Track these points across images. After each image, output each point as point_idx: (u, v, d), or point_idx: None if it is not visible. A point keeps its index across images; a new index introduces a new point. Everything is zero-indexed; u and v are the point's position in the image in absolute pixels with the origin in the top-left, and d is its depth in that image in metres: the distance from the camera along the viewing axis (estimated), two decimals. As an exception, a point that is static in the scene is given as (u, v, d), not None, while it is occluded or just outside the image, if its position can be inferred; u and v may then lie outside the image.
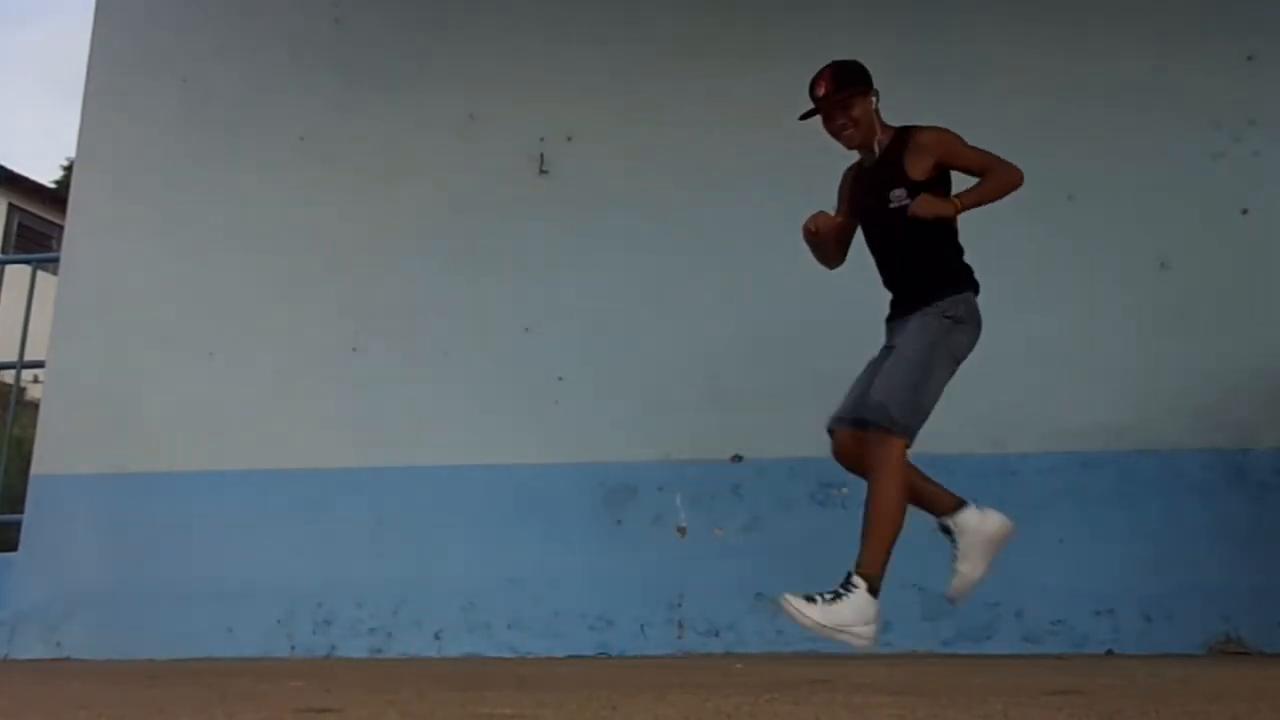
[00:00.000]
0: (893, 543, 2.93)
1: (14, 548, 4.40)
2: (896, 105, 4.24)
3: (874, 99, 3.19)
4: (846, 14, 4.38)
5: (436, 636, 3.99)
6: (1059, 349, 3.97)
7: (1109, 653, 3.66)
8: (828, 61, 3.23)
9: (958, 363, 3.08)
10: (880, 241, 3.21)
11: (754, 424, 4.06)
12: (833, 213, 3.25)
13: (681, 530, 4.02)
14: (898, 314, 3.17)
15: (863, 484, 3.94)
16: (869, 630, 2.87)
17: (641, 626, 3.92)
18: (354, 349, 4.34)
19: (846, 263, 4.14)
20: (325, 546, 4.15)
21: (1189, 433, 3.83)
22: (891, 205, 3.05)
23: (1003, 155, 4.21)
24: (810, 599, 2.88)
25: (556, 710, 1.50)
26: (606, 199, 4.34)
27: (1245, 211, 3.99)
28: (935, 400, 3.05)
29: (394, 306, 4.37)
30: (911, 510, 3.82)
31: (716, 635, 3.88)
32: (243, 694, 1.92)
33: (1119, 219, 4.05)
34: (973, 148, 3.09)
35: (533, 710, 1.51)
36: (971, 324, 3.10)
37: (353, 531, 4.15)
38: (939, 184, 3.13)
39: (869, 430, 2.97)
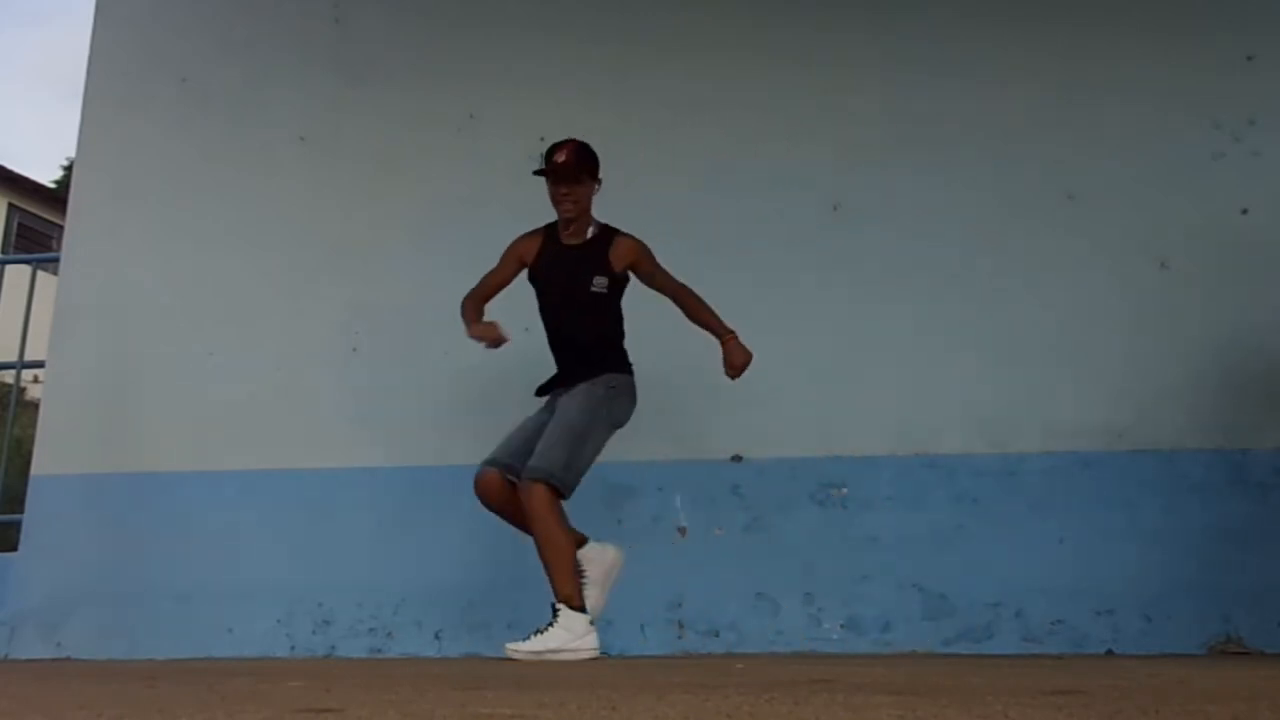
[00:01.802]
0: (572, 567, 3.26)
1: (14, 548, 4.40)
2: (896, 105, 4.27)
3: (596, 188, 3.50)
4: (846, 14, 4.39)
5: (436, 636, 3.99)
6: (1059, 349, 3.97)
7: (1109, 653, 3.66)
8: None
9: (617, 427, 3.43)
10: (566, 317, 3.48)
11: (754, 424, 4.06)
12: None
13: (681, 530, 4.02)
14: (565, 383, 3.42)
15: (861, 485, 3.97)
16: (588, 640, 3.22)
17: (641, 626, 3.92)
18: (354, 349, 4.35)
19: (846, 265, 4.16)
20: (325, 546, 4.15)
21: (1189, 433, 3.83)
22: (593, 289, 3.40)
23: (1002, 155, 4.24)
24: (526, 638, 3.21)
25: (556, 710, 1.50)
26: (606, 199, 4.33)
27: (1245, 211, 3.99)
28: (593, 459, 3.36)
29: (394, 306, 4.37)
30: (897, 515, 3.85)
31: (716, 635, 3.88)
32: (243, 694, 1.92)
33: (1119, 219, 4.05)
34: (659, 265, 3.48)
35: (533, 710, 1.51)
36: (630, 397, 3.47)
37: (353, 531, 4.15)
38: (623, 283, 3.49)
39: (528, 485, 3.23)
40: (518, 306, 4.30)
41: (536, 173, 3.48)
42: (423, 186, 4.46)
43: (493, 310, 4.32)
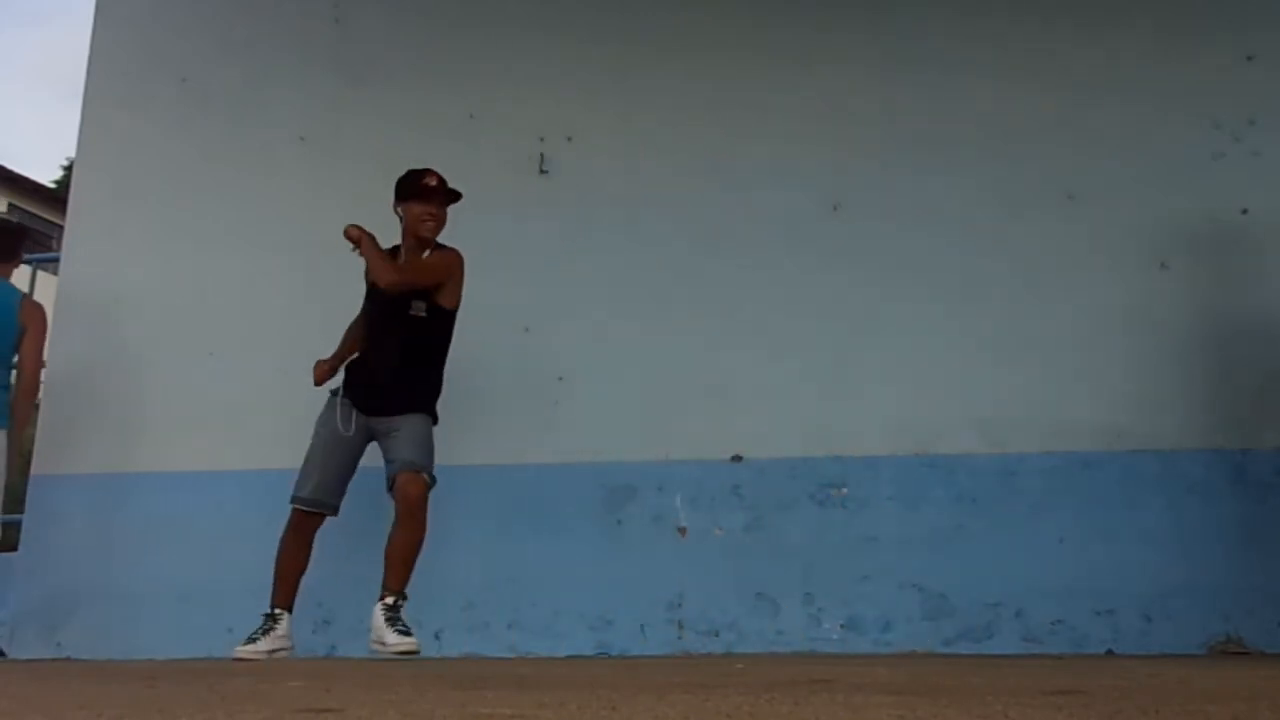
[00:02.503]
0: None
1: (14, 548, 4.40)
2: (896, 105, 4.27)
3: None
4: (846, 14, 4.39)
5: (436, 636, 3.98)
6: (1059, 349, 3.97)
7: (1109, 653, 3.66)
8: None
9: None
10: (386, 335, 3.51)
11: (754, 424, 4.06)
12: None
13: (681, 530, 4.02)
14: (384, 410, 3.47)
15: (861, 485, 3.97)
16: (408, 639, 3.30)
17: (641, 626, 3.92)
18: (354, 349, 4.34)
19: (846, 265, 4.16)
20: (325, 546, 4.13)
21: (1189, 433, 3.83)
22: (410, 312, 3.45)
23: (1002, 155, 4.23)
24: (403, 632, 3.28)
25: (556, 710, 1.50)
26: (606, 199, 4.34)
27: (1245, 211, 3.99)
28: None
29: (394, 306, 4.36)
30: (897, 515, 3.85)
31: (716, 635, 3.88)
32: (243, 694, 1.92)
33: (1119, 219, 4.05)
34: (431, 267, 3.51)
35: (533, 710, 1.51)
36: None
37: (352, 531, 4.14)
38: (451, 312, 3.56)
39: (410, 475, 3.37)
40: (517, 306, 4.31)
41: (404, 197, 3.53)
42: (423, 186, 4.45)
43: (496, 310, 4.35)
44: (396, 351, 3.48)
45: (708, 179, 4.28)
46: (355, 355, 3.61)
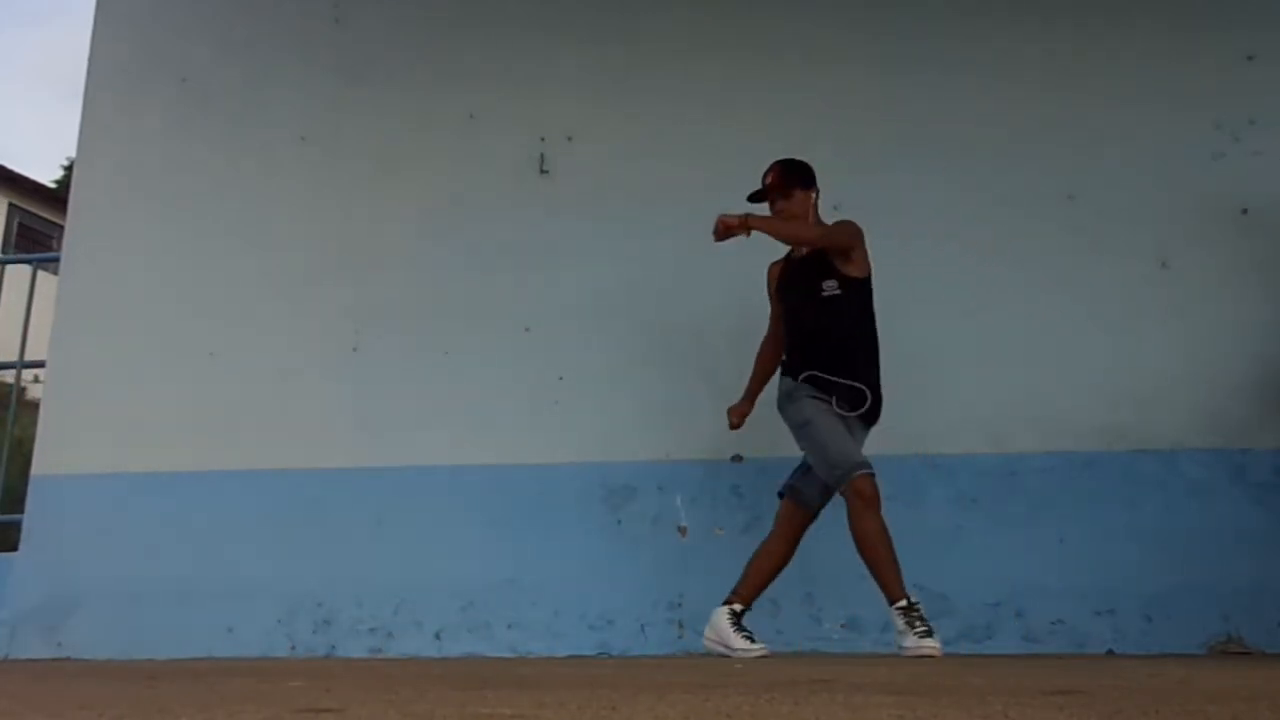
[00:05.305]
0: (894, 564, 3.26)
1: (14, 548, 4.40)
2: (896, 105, 4.27)
3: (814, 196, 3.54)
4: (847, 14, 4.39)
5: (436, 636, 3.99)
6: (1060, 349, 3.97)
7: (1109, 653, 3.66)
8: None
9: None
10: (811, 328, 3.46)
11: (754, 424, 4.05)
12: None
13: (681, 530, 4.01)
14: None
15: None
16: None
17: (641, 626, 3.92)
18: (354, 349, 4.35)
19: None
20: (325, 546, 4.15)
21: (1189, 433, 3.84)
22: (824, 294, 3.40)
23: (1002, 155, 4.23)
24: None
25: (556, 710, 1.50)
26: (607, 199, 4.34)
27: (1245, 211, 3.99)
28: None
29: (394, 306, 4.37)
30: (897, 515, 3.84)
31: (717, 635, 3.87)
32: (243, 694, 1.92)
33: (1119, 219, 4.05)
34: (839, 229, 3.48)
35: (533, 710, 1.51)
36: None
37: (353, 531, 4.15)
38: (865, 281, 3.46)
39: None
40: (517, 306, 4.32)
41: (750, 197, 3.53)
42: (423, 186, 4.46)
43: (497, 310, 4.34)
44: (820, 337, 3.41)
45: (708, 179, 4.28)
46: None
